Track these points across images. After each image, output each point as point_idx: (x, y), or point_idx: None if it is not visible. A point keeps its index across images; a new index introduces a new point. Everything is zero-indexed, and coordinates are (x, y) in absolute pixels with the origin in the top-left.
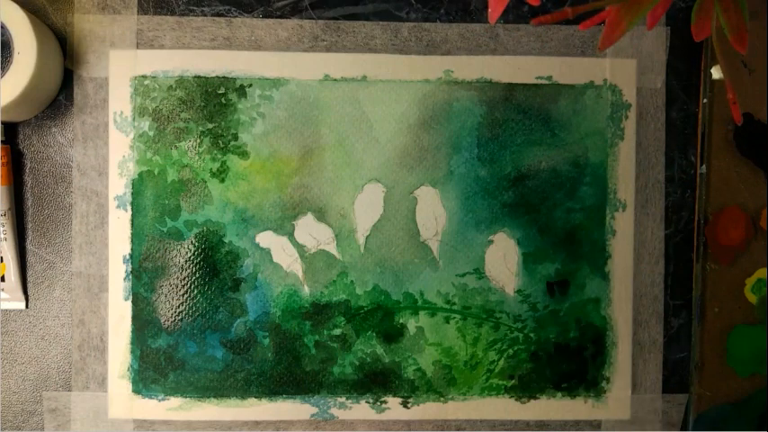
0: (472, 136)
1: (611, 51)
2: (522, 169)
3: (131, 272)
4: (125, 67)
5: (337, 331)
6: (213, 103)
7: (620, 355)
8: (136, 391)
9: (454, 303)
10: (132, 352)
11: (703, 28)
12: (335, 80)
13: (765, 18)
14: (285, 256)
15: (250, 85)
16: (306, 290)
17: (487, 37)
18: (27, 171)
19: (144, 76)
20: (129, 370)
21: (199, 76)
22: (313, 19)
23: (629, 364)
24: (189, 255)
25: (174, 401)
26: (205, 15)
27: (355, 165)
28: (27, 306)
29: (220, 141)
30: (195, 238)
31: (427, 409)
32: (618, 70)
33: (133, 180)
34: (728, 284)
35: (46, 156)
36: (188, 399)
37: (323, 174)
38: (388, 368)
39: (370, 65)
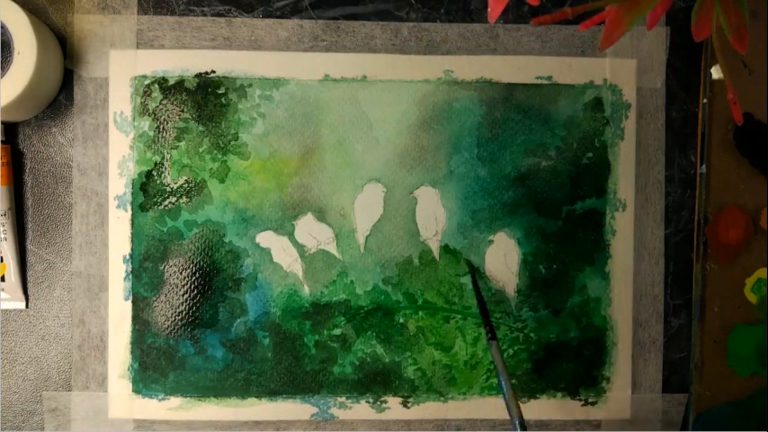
0: (472, 136)
1: (611, 51)
2: (522, 169)
3: (131, 272)
4: (125, 67)
5: (337, 331)
6: (213, 104)
7: (620, 355)
8: (136, 391)
9: (454, 303)
10: (132, 352)
11: (703, 28)
12: (335, 80)
13: (765, 18)
14: (285, 256)
15: (250, 85)
16: (306, 290)
17: (487, 37)
18: (27, 171)
19: (144, 76)
20: (129, 370)
21: (199, 76)
22: (313, 19)
23: (629, 364)
24: (189, 255)
25: (174, 401)
26: (205, 15)
27: (355, 165)
28: (27, 306)
29: (220, 141)
30: (195, 237)
31: (427, 409)
32: (618, 70)
33: (133, 180)
34: (728, 284)
35: (46, 156)
36: (188, 399)
37: (323, 174)
38: (388, 368)
39: (370, 65)
